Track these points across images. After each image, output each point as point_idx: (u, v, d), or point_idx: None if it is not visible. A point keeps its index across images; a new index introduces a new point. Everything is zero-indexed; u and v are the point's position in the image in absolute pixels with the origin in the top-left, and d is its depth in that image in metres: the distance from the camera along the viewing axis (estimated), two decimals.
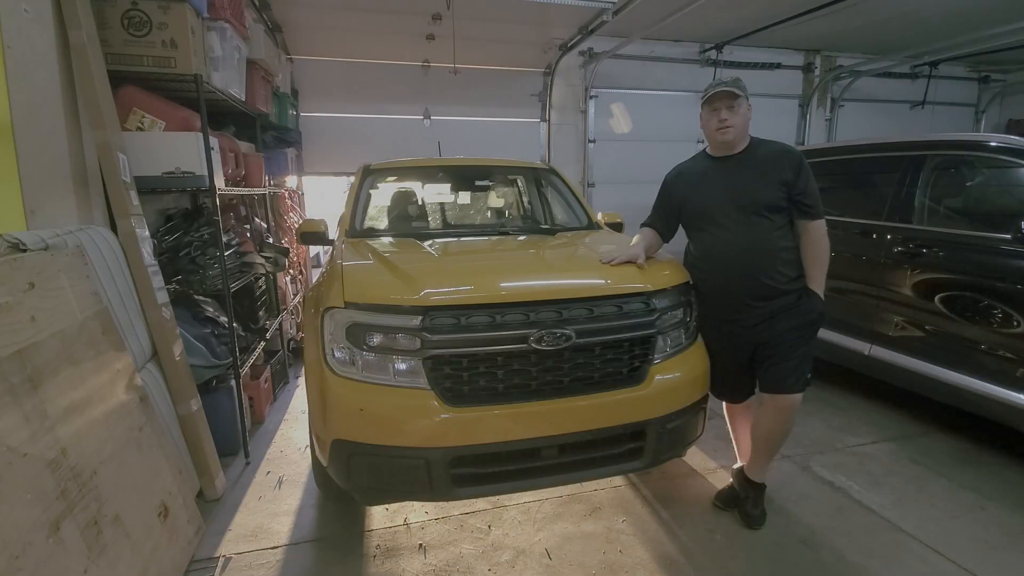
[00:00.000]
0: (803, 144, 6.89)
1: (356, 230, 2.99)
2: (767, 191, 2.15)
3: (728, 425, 2.62)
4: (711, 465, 2.88)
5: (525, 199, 4.06)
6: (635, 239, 2.43)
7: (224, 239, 2.88)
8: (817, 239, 2.18)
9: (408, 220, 3.42)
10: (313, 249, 6.11)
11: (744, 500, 2.41)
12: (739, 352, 2.28)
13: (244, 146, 3.67)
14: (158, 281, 2.48)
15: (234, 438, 2.98)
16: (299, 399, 3.92)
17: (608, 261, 2.23)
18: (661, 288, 2.14)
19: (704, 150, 2.37)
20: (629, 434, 2.04)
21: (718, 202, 2.22)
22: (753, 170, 2.18)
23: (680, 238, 2.51)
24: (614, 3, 4.41)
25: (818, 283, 2.19)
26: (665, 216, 2.45)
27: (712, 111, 2.18)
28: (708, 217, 2.26)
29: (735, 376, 2.35)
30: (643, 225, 2.52)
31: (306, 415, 2.94)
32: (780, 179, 2.13)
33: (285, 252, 4.14)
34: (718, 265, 2.24)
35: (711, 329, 2.32)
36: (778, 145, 2.24)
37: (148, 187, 2.57)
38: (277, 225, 4.71)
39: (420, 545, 2.27)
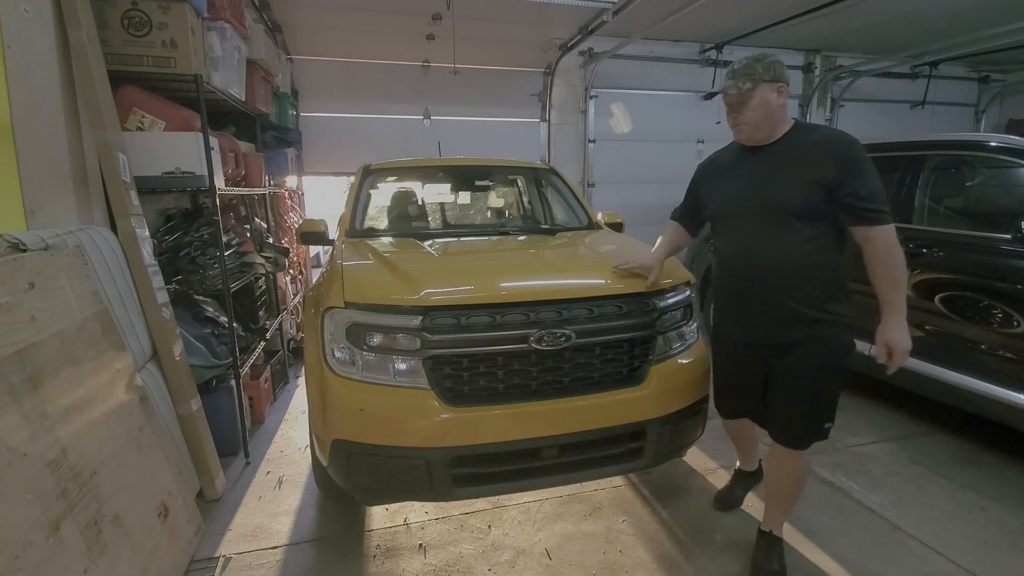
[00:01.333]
0: None
1: (356, 230, 2.99)
2: (796, 192, 1.75)
3: (727, 433, 2.47)
4: (711, 465, 2.88)
5: (525, 199, 4.06)
6: (659, 240, 2.27)
7: (224, 239, 2.88)
8: (880, 251, 1.70)
9: (408, 220, 3.42)
10: (313, 249, 6.12)
11: (756, 550, 2.10)
12: (749, 375, 2.03)
13: (244, 146, 3.67)
14: (158, 281, 2.48)
15: (234, 438, 2.98)
16: (299, 399, 3.92)
17: (618, 265, 2.15)
18: (661, 288, 2.14)
19: None
20: (629, 434, 2.04)
21: (740, 202, 1.90)
22: (783, 165, 1.80)
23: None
24: (614, 3, 4.41)
25: (895, 306, 1.71)
26: (691, 210, 2.20)
27: (728, 109, 1.89)
28: (727, 219, 1.97)
29: (745, 397, 2.10)
30: (672, 217, 2.31)
31: (306, 415, 2.95)
32: (816, 178, 1.71)
33: (285, 252, 4.14)
34: (734, 277, 1.95)
35: (723, 341, 2.11)
36: (823, 133, 1.81)
37: (148, 187, 2.57)
38: (277, 225, 4.71)
39: (420, 545, 2.27)
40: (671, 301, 2.17)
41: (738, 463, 2.56)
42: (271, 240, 4.25)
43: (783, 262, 1.80)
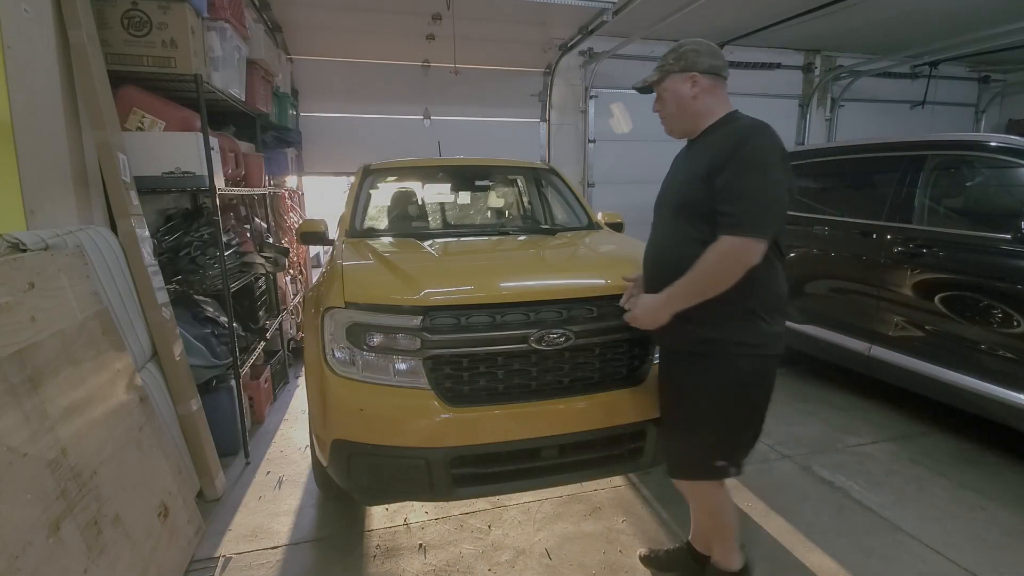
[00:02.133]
0: (803, 144, 6.90)
1: (356, 230, 2.99)
2: (685, 187, 1.63)
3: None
4: None
5: (525, 199, 4.06)
6: None
7: (224, 239, 2.88)
8: (714, 250, 1.48)
9: (408, 220, 3.42)
10: (313, 249, 6.12)
11: (675, 563, 2.04)
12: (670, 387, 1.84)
13: (244, 146, 3.67)
14: (158, 281, 2.48)
15: (234, 438, 2.98)
16: (299, 399, 3.92)
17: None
18: None
19: None
20: (629, 434, 2.04)
21: (658, 200, 1.82)
22: (694, 159, 1.66)
23: None
24: (614, 3, 4.41)
25: (674, 291, 1.55)
26: None
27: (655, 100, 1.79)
28: (654, 216, 1.85)
29: None
30: None
31: (306, 415, 2.95)
32: (705, 171, 1.54)
33: (285, 252, 4.14)
34: (647, 277, 1.79)
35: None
36: (737, 125, 1.59)
37: (148, 187, 2.57)
38: (277, 225, 4.71)
39: (420, 545, 2.27)
40: None
41: (691, 532, 2.05)
42: (271, 240, 4.25)
43: (673, 257, 1.61)
